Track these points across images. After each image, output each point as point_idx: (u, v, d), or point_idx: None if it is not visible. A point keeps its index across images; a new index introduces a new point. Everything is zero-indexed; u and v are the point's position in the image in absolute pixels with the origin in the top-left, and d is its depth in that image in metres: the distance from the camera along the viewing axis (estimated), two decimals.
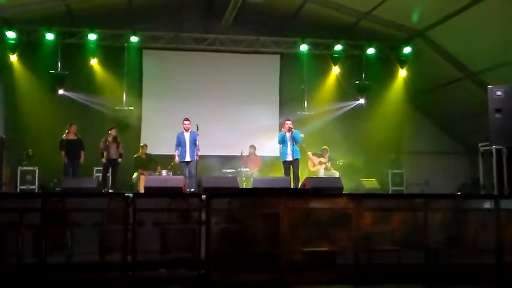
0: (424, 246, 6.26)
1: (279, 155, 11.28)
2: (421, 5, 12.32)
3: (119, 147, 11.93)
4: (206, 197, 6.10)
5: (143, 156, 12.79)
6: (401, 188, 13.95)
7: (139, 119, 14.21)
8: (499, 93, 8.68)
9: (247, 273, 5.88)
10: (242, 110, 14.50)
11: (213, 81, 14.44)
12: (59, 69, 13.26)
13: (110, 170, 11.94)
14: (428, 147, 15.45)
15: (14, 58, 12.96)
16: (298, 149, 10.90)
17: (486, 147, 9.01)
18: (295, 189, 9.38)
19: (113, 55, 13.73)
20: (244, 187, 11.45)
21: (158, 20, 14.38)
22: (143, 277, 5.94)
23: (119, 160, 11.94)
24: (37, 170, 12.35)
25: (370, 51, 14.28)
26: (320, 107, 14.66)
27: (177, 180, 8.13)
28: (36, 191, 12.02)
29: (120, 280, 5.80)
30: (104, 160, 11.78)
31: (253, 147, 13.33)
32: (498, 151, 8.63)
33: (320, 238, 6.23)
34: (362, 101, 14.76)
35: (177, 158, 11.11)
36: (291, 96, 14.71)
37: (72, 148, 11.62)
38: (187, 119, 11.14)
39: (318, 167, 13.02)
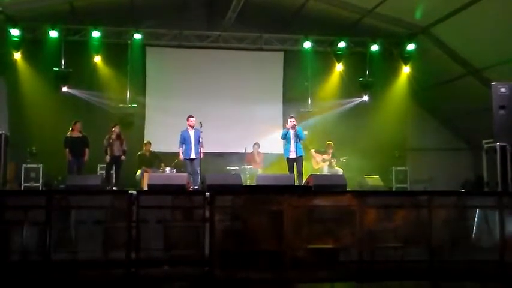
0: (428, 243, 6.26)
1: (282, 152, 11.29)
2: (425, 2, 12.27)
3: (122, 145, 11.90)
4: (210, 194, 6.11)
5: (147, 153, 12.79)
6: (405, 185, 13.91)
7: (143, 116, 14.21)
8: (503, 90, 8.69)
9: (251, 270, 5.89)
10: (245, 107, 14.46)
11: (217, 79, 14.43)
12: (62, 67, 13.29)
13: (114, 167, 11.96)
14: (432, 144, 15.41)
15: (18, 56, 12.97)
16: (301, 146, 10.89)
17: (490, 144, 8.97)
18: (299, 187, 9.36)
19: (116, 52, 13.74)
20: (248, 184, 11.43)
21: (161, 18, 14.36)
22: (147, 274, 5.96)
23: (122, 158, 11.93)
24: (41, 168, 12.37)
25: (374, 48, 14.23)
26: (324, 104, 14.65)
27: (181, 178, 8.09)
28: (41, 188, 12.03)
29: (124, 277, 5.83)
30: (107, 157, 11.80)
31: (257, 144, 13.36)
32: (502, 148, 8.60)
33: (324, 235, 6.24)
34: (366, 98, 14.72)
35: (181, 156, 11.06)
36: (295, 94, 14.66)
37: (76, 145, 11.60)
38: (192, 116, 11.07)
39: (321, 164, 13.00)
